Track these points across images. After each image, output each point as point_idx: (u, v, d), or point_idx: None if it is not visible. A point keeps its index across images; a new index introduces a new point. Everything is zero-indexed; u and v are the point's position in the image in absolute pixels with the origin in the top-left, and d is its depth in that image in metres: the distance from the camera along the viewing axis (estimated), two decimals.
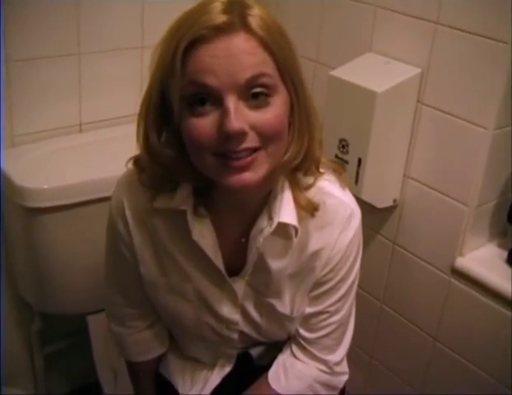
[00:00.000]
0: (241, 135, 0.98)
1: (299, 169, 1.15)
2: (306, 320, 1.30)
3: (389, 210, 1.75)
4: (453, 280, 1.66)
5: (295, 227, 1.15)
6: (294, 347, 1.34)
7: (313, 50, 1.87)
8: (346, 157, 1.62)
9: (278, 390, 1.31)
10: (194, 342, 1.38)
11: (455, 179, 1.59)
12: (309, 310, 1.29)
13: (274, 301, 1.26)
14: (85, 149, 1.78)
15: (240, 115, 0.98)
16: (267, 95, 1.01)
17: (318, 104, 1.45)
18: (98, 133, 1.86)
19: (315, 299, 1.28)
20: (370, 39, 1.71)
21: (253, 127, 1.00)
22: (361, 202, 1.61)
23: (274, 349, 1.40)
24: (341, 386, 1.38)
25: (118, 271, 1.33)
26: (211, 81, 0.97)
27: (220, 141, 0.99)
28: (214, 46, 0.98)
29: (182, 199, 1.14)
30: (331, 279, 1.25)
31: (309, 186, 1.17)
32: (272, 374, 1.33)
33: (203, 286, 1.24)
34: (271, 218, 1.15)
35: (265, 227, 1.15)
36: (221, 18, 0.98)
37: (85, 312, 1.85)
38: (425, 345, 1.78)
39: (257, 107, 1.00)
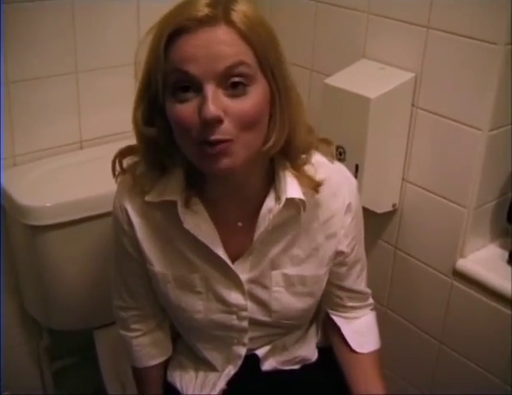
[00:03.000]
0: (217, 121, 1.03)
1: (290, 154, 1.20)
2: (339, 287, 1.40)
3: (389, 215, 1.76)
4: (455, 282, 1.66)
5: (302, 201, 1.20)
6: (342, 316, 1.44)
7: (308, 58, 1.88)
8: (343, 164, 1.63)
9: (367, 349, 1.43)
10: (205, 342, 1.39)
11: (453, 181, 1.60)
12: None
13: (283, 268, 1.29)
14: (86, 166, 1.79)
15: (218, 102, 1.03)
16: (245, 85, 1.06)
17: (314, 112, 1.47)
18: (99, 150, 1.88)
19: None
20: (364, 45, 1.72)
21: (229, 115, 1.05)
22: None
23: (279, 350, 1.43)
24: None
25: (123, 270, 1.36)
26: (191, 68, 1.03)
27: (199, 129, 1.04)
28: (196, 36, 1.04)
29: (172, 190, 1.19)
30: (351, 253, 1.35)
31: (305, 162, 1.22)
32: (353, 344, 1.42)
33: (209, 275, 1.27)
34: (278, 197, 1.20)
35: (273, 206, 1.20)
36: (204, 11, 1.04)
37: (91, 327, 1.86)
38: (430, 348, 1.78)
39: (235, 96, 1.05)
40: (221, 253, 1.23)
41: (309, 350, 1.49)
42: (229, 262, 1.25)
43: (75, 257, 1.72)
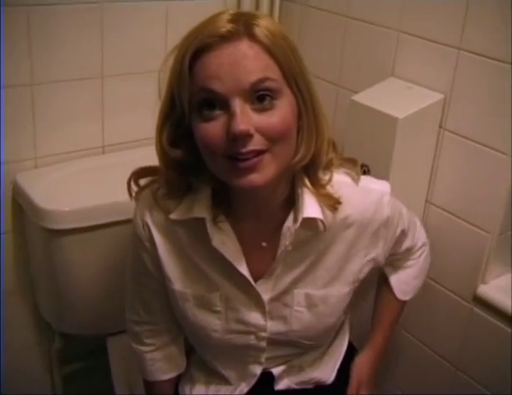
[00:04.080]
0: (247, 136, 1.02)
1: (311, 169, 1.18)
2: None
3: None
4: (475, 308, 1.64)
5: (321, 221, 1.19)
6: (389, 268, 1.49)
7: (335, 74, 1.86)
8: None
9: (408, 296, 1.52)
10: (221, 359, 1.38)
11: (477, 206, 1.58)
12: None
13: (306, 288, 1.28)
14: (107, 171, 1.79)
15: (246, 118, 1.03)
16: (272, 98, 1.05)
17: (339, 128, 1.46)
18: (120, 155, 1.87)
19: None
20: (393, 63, 1.70)
21: (258, 130, 1.04)
22: None
23: (295, 370, 1.42)
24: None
25: (140, 287, 1.34)
26: (217, 86, 1.03)
27: (228, 144, 1.03)
28: (219, 53, 1.04)
29: (200, 208, 1.17)
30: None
31: (327, 182, 1.20)
32: (397, 292, 1.50)
33: (230, 293, 1.26)
34: (296, 217, 1.18)
35: (291, 225, 1.18)
36: (226, 27, 1.04)
37: (104, 333, 1.85)
38: (446, 373, 1.75)
39: (262, 110, 1.05)
40: (244, 271, 1.22)
41: (325, 373, 1.47)
42: (252, 280, 1.23)
43: (91, 263, 1.71)
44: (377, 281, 1.54)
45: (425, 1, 1.59)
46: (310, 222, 1.19)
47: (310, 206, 1.17)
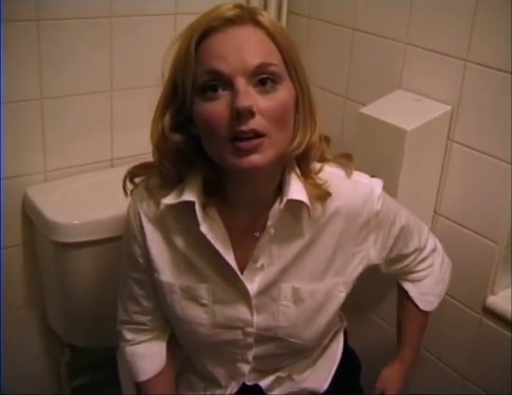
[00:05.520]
0: (249, 113, 1.05)
1: (304, 160, 1.20)
2: (400, 268, 1.44)
3: None
4: (484, 319, 1.64)
5: (307, 206, 1.19)
6: (407, 282, 1.49)
7: (342, 86, 1.87)
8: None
9: (432, 307, 1.51)
10: (209, 356, 1.37)
11: (486, 217, 1.58)
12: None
13: (293, 282, 1.27)
14: (116, 184, 1.76)
15: (249, 96, 1.06)
16: (274, 82, 1.09)
17: (347, 140, 1.47)
18: None
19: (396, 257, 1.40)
20: (400, 75, 1.71)
21: (260, 111, 1.06)
22: None
23: (285, 381, 1.41)
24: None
25: (130, 281, 1.35)
26: (222, 66, 1.06)
27: (230, 123, 1.06)
28: (225, 35, 1.08)
29: (190, 192, 1.18)
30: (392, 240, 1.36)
31: (317, 171, 1.22)
32: (421, 305, 1.49)
33: (217, 285, 1.26)
34: (282, 200, 1.19)
35: (277, 207, 1.19)
36: (231, 12, 1.09)
37: (113, 346, 1.84)
38: (455, 384, 1.75)
39: (264, 92, 1.08)
40: (231, 261, 1.22)
41: (317, 382, 1.46)
42: (237, 270, 1.23)
43: (100, 276, 1.71)
44: (397, 297, 1.54)
45: (432, 13, 1.60)
46: (296, 207, 1.20)
47: (296, 191, 1.18)
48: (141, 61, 1.84)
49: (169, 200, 1.20)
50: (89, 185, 1.79)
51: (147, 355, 1.42)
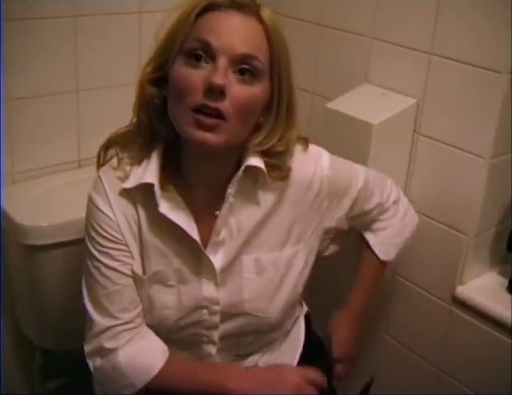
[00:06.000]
0: (220, 92, 1.10)
1: (274, 157, 1.25)
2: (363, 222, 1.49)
3: None
4: (454, 308, 1.66)
5: (263, 174, 1.23)
6: (368, 232, 1.52)
7: (309, 81, 1.88)
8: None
9: (391, 256, 1.54)
10: (175, 341, 1.33)
11: (454, 208, 1.60)
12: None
13: (255, 253, 1.30)
14: (84, 185, 1.74)
15: (226, 77, 1.11)
16: (253, 76, 1.14)
17: (315, 135, 1.47)
18: None
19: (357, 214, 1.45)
20: (366, 70, 1.72)
21: (230, 96, 1.11)
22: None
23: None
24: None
25: (104, 272, 1.27)
26: (212, 40, 1.11)
27: (200, 94, 1.11)
28: (227, 16, 1.15)
29: (150, 174, 1.21)
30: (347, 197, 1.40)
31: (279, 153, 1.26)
32: (380, 254, 1.51)
33: (182, 265, 1.27)
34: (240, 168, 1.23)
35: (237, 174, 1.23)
36: None
37: None
38: (428, 374, 1.77)
39: (241, 81, 1.14)
40: (194, 235, 1.23)
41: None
42: (200, 244, 1.25)
43: (71, 278, 1.69)
44: (358, 248, 1.55)
45: (397, 7, 1.62)
46: (254, 177, 1.25)
47: (255, 160, 1.22)
48: (107, 60, 1.83)
49: (130, 183, 1.23)
50: (57, 186, 1.77)
51: (147, 348, 1.30)
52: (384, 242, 1.52)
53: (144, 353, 1.29)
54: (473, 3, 1.46)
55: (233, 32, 1.13)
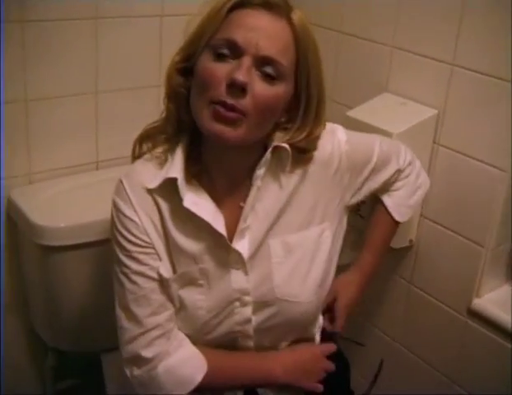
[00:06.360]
0: (242, 90, 1.12)
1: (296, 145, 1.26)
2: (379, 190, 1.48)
3: (405, 250, 1.75)
4: (469, 321, 1.64)
5: (288, 154, 1.24)
6: (384, 196, 1.51)
7: (329, 89, 1.85)
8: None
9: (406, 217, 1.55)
10: (210, 343, 1.31)
11: (472, 220, 1.59)
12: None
13: (281, 236, 1.30)
14: (101, 186, 1.77)
15: (249, 75, 1.13)
16: (275, 77, 1.15)
17: None
18: (114, 171, 1.84)
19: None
20: (387, 79, 1.71)
21: (252, 93, 1.13)
22: None
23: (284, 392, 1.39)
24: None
25: (132, 277, 1.26)
26: (239, 39, 1.13)
27: (221, 88, 1.12)
28: (256, 13, 1.16)
29: (173, 170, 1.21)
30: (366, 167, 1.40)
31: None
32: (396, 215, 1.52)
33: (209, 261, 1.26)
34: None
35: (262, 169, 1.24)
36: None
37: (99, 350, 1.84)
38: (442, 386, 1.75)
39: (263, 80, 1.15)
40: (220, 227, 1.23)
41: None
42: (226, 237, 1.24)
43: (85, 279, 1.70)
44: (373, 206, 1.55)
45: (419, 17, 1.61)
46: (278, 159, 1.25)
47: (282, 143, 1.24)
48: (127, 62, 1.83)
49: (155, 183, 1.23)
50: (74, 188, 1.78)
51: (186, 359, 1.27)
52: (399, 203, 1.52)
53: (183, 365, 1.26)
54: (497, 15, 1.44)
55: (260, 32, 1.14)
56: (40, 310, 1.81)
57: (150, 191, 1.24)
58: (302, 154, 1.28)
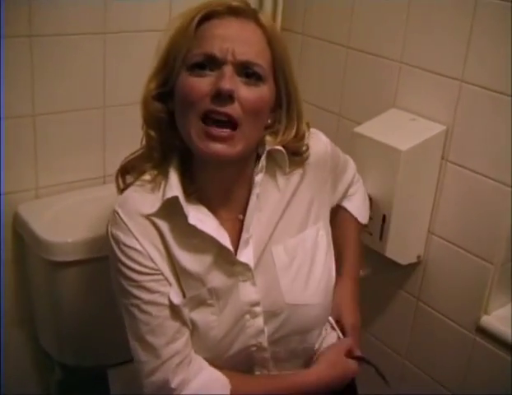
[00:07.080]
0: (229, 97, 1.12)
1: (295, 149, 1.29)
2: None
3: (413, 266, 1.74)
4: (478, 338, 1.64)
5: (284, 157, 1.26)
6: (344, 202, 1.53)
7: (336, 104, 1.87)
8: (369, 214, 1.61)
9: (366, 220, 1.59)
10: (226, 363, 1.28)
11: (480, 237, 1.58)
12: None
13: (282, 241, 1.30)
14: (108, 201, 1.76)
15: (233, 82, 1.12)
16: (257, 78, 1.16)
17: None
18: None
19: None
20: (395, 94, 1.71)
21: (239, 99, 1.13)
22: (385, 259, 1.61)
23: None
24: None
25: (143, 307, 1.22)
26: (215, 51, 1.13)
27: (208, 100, 1.12)
28: (227, 23, 1.16)
29: (170, 188, 1.19)
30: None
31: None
32: (359, 217, 1.55)
33: (216, 279, 1.24)
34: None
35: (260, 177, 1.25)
36: (236, 2, 1.18)
37: (105, 365, 1.83)
38: None
39: (248, 84, 1.15)
40: (226, 243, 1.22)
41: None
42: (233, 251, 1.23)
43: (93, 295, 1.69)
44: (335, 217, 1.50)
45: (428, 32, 1.61)
46: (274, 164, 1.28)
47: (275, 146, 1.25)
48: (135, 77, 1.81)
49: (152, 208, 1.20)
50: (81, 202, 1.77)
51: (209, 379, 1.26)
52: (358, 206, 1.55)
53: (206, 388, 1.24)
54: (506, 32, 1.44)
55: (234, 40, 1.14)
56: (47, 325, 1.80)
57: (148, 216, 1.21)
58: (295, 156, 1.29)
